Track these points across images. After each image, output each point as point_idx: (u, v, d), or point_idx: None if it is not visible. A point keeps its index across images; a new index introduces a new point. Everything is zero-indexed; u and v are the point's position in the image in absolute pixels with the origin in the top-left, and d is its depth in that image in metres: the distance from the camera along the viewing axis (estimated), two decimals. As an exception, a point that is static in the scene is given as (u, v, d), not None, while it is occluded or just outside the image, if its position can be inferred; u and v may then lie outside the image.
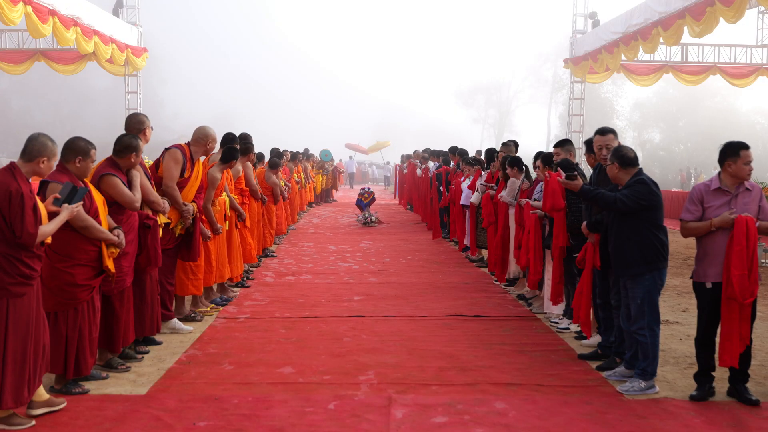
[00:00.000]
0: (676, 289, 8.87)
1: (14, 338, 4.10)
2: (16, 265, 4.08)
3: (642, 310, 4.95)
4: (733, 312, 4.65)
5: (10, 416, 4.17)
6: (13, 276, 4.08)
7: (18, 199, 4.04)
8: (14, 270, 4.08)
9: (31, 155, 4.26)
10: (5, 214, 4.04)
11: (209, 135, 6.54)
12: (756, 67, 22.88)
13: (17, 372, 4.12)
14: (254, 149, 9.34)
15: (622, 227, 4.98)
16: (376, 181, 46.91)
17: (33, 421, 4.24)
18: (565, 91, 43.74)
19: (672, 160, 49.26)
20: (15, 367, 4.10)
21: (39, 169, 4.30)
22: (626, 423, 4.40)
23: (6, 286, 4.06)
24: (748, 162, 4.81)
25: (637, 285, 4.96)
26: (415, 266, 10.49)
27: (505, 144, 9.65)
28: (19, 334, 4.12)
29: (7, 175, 4.13)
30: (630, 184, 4.97)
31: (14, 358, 4.10)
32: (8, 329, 4.07)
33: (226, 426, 4.28)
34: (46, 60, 22.37)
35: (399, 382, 5.08)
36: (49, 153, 4.30)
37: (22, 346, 4.13)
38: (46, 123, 54.18)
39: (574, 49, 24.93)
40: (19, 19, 15.08)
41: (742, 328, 4.66)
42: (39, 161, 4.27)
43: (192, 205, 6.21)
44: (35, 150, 4.26)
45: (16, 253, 4.08)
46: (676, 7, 16.73)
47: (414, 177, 19.06)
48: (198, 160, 6.49)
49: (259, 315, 7.20)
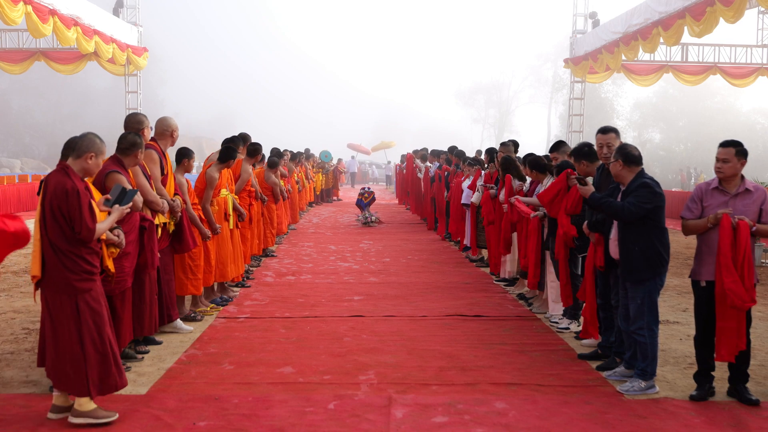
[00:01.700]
0: (676, 289, 8.87)
1: (89, 331, 4.25)
2: (78, 262, 4.24)
3: (642, 310, 4.95)
4: (728, 310, 4.65)
5: (95, 410, 4.28)
6: (77, 273, 4.23)
7: (75, 196, 4.18)
8: (77, 267, 4.23)
9: (80, 152, 4.37)
10: (64, 212, 4.18)
11: (171, 124, 6.38)
12: (756, 67, 22.90)
13: (101, 363, 4.28)
14: (262, 150, 9.37)
15: (627, 232, 4.96)
16: (376, 181, 46.94)
17: (116, 414, 4.33)
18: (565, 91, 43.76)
19: (672, 160, 49.27)
20: (98, 359, 4.27)
21: (87, 166, 4.40)
22: (626, 423, 4.39)
23: (72, 283, 4.22)
24: (720, 159, 4.80)
25: (638, 286, 4.96)
26: (415, 266, 10.49)
27: (504, 144, 9.65)
28: (91, 329, 4.26)
29: (62, 175, 4.27)
30: (633, 189, 4.91)
31: (94, 351, 4.26)
32: (81, 324, 4.23)
33: (226, 426, 4.28)
34: (45, 60, 22.39)
35: (399, 382, 5.08)
36: (96, 149, 4.41)
37: (95, 339, 4.28)
38: (46, 123, 54.31)
39: (574, 49, 24.94)
40: (20, 18, 15.10)
41: (739, 328, 4.66)
42: (87, 158, 4.38)
43: (177, 198, 6.21)
44: (83, 147, 4.38)
45: (77, 250, 4.23)
46: (676, 7, 16.74)
47: (413, 176, 19.08)
48: (167, 154, 6.43)
49: (259, 315, 7.20)
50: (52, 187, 4.23)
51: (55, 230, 4.20)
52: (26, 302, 7.71)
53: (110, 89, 49.03)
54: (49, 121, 54.53)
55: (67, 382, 4.25)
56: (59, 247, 4.20)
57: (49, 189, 4.23)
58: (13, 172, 37.74)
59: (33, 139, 54.03)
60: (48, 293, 4.27)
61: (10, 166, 42.86)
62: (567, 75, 32.01)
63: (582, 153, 6.01)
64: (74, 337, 4.23)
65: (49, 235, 4.21)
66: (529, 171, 7.53)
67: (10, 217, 3.86)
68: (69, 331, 4.23)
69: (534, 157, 7.54)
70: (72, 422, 4.23)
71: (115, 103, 40.53)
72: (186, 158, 6.85)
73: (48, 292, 4.27)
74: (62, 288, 4.22)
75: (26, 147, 53.14)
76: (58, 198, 4.19)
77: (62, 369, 4.25)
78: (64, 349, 4.24)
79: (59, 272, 4.21)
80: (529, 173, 7.69)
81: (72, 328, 4.23)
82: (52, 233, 4.21)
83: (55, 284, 4.23)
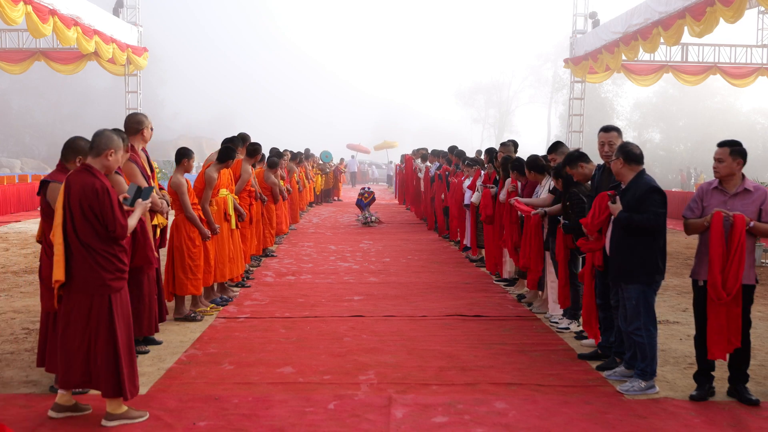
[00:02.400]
0: (676, 289, 8.87)
1: (121, 331, 4.26)
2: (113, 261, 4.24)
3: (638, 311, 4.95)
4: (717, 307, 4.66)
5: (128, 411, 4.30)
6: (112, 272, 4.24)
7: (105, 194, 4.17)
8: (111, 266, 4.24)
9: (99, 149, 4.34)
10: (96, 212, 4.16)
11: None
12: (756, 67, 22.89)
13: (130, 363, 4.31)
14: (261, 150, 9.36)
15: (625, 236, 4.96)
16: (377, 181, 46.95)
17: (147, 414, 4.35)
18: (565, 91, 43.76)
19: (672, 160, 49.25)
20: (128, 359, 4.29)
21: (108, 163, 4.37)
22: (626, 423, 4.39)
23: (108, 283, 4.22)
24: (715, 159, 4.82)
25: (632, 287, 4.97)
26: (415, 266, 10.49)
27: (504, 144, 9.65)
28: (124, 327, 4.29)
29: (87, 175, 4.23)
30: (644, 196, 4.87)
31: (126, 350, 4.28)
32: (115, 323, 4.23)
33: (226, 426, 4.28)
34: (45, 60, 22.39)
35: (399, 382, 5.08)
36: (116, 146, 4.38)
37: (128, 338, 4.31)
38: (46, 123, 54.33)
39: (574, 49, 24.94)
40: (20, 18, 15.10)
41: (731, 327, 4.65)
42: (107, 154, 4.35)
43: (165, 193, 6.19)
44: (102, 144, 4.34)
45: (111, 249, 4.24)
46: (676, 7, 16.73)
47: (411, 175, 19.08)
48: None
49: (259, 315, 7.20)
50: (80, 187, 4.17)
51: (86, 230, 4.17)
52: (26, 302, 7.71)
53: (110, 89, 49.04)
54: (49, 121, 54.53)
55: (101, 383, 4.21)
56: (93, 247, 4.18)
57: (74, 190, 4.18)
58: (13, 172, 37.76)
59: (33, 139, 54.04)
60: (77, 295, 4.20)
61: (10, 166, 42.89)
62: (567, 75, 32.02)
63: (574, 158, 6.10)
64: (108, 338, 4.20)
65: (80, 237, 4.17)
66: (528, 172, 7.52)
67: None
68: (101, 331, 4.19)
69: (532, 158, 7.54)
70: (106, 425, 4.21)
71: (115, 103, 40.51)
72: (185, 158, 6.84)
73: (77, 294, 4.20)
74: (96, 288, 4.19)
75: (26, 147, 53.15)
76: (88, 198, 4.15)
77: (95, 371, 4.20)
78: (96, 351, 4.20)
79: (93, 272, 4.18)
80: (522, 176, 7.75)
81: (105, 329, 4.20)
82: (84, 234, 4.17)
83: (88, 285, 4.18)
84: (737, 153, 4.78)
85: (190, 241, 6.87)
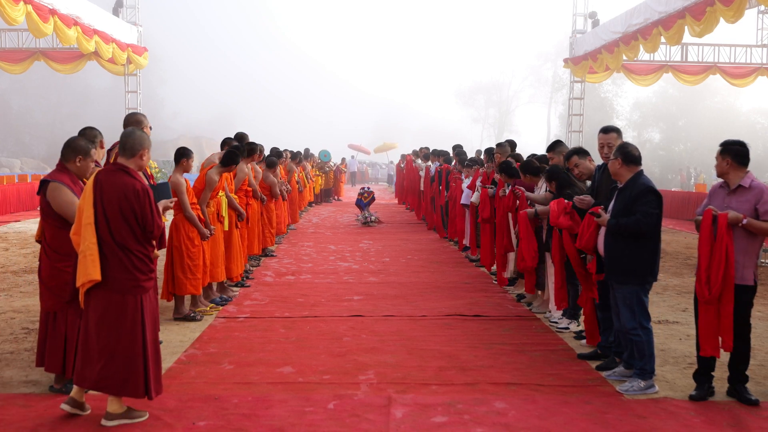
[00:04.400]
0: (675, 289, 8.87)
1: (149, 331, 4.27)
2: (146, 261, 4.26)
3: (632, 310, 4.96)
4: (706, 305, 4.66)
5: (129, 410, 4.29)
6: (145, 273, 4.26)
7: (145, 196, 4.19)
8: (145, 267, 4.26)
9: (134, 150, 4.32)
10: (137, 213, 4.17)
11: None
12: (756, 67, 22.88)
13: (156, 363, 4.32)
14: (257, 149, 9.34)
15: (616, 238, 4.96)
16: (377, 181, 46.96)
17: (146, 414, 4.35)
18: (565, 91, 43.75)
19: (672, 160, 49.22)
20: (154, 359, 4.30)
21: (141, 163, 4.37)
22: (626, 423, 4.39)
23: (141, 283, 4.23)
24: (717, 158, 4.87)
25: (624, 287, 4.98)
26: (415, 266, 10.48)
27: (500, 145, 9.56)
28: (151, 327, 4.29)
29: (125, 176, 4.22)
30: (639, 196, 4.89)
31: (153, 349, 4.28)
32: (145, 323, 4.24)
33: (226, 426, 4.28)
34: (45, 59, 22.38)
35: (399, 382, 5.08)
36: (148, 145, 4.40)
37: (153, 338, 4.31)
38: (46, 123, 54.34)
39: (574, 48, 24.93)
40: (21, 18, 15.12)
41: (722, 326, 4.63)
42: (141, 155, 4.34)
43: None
44: (137, 144, 4.33)
45: (144, 249, 4.26)
46: (676, 6, 16.72)
47: (411, 175, 19.07)
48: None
49: (258, 315, 7.20)
50: (119, 188, 4.15)
51: (124, 231, 4.16)
52: (26, 302, 7.70)
53: (110, 89, 49.02)
54: (49, 121, 54.53)
55: (122, 384, 4.18)
56: (129, 248, 4.18)
57: (111, 190, 4.15)
58: (12, 171, 37.79)
59: (33, 139, 54.04)
60: (111, 295, 4.17)
61: (10, 166, 42.91)
62: (567, 75, 32.00)
63: (584, 150, 6.14)
64: (135, 337, 4.19)
65: (116, 238, 4.15)
66: (523, 175, 7.56)
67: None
68: (129, 331, 4.18)
69: (527, 161, 7.57)
70: (106, 425, 4.20)
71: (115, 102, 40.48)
72: (185, 158, 6.84)
73: (111, 293, 4.17)
74: (129, 288, 4.18)
75: (26, 147, 53.14)
76: (129, 199, 4.14)
77: (116, 372, 4.16)
78: (121, 351, 4.16)
79: (127, 273, 4.17)
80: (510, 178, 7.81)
81: (133, 328, 4.19)
82: (120, 235, 4.15)
83: (122, 285, 4.17)
84: (726, 152, 4.82)
85: (190, 240, 6.86)
